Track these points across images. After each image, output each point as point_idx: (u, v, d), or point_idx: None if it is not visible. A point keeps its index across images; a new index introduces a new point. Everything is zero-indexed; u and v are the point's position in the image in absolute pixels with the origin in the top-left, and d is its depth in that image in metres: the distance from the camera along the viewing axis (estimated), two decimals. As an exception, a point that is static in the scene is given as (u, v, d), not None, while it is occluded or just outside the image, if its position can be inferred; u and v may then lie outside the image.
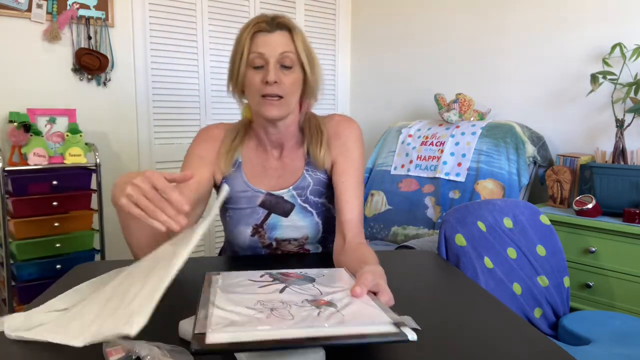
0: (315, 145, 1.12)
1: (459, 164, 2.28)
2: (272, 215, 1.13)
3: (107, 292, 0.75)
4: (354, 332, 0.59)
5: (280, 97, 1.03)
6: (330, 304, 0.67)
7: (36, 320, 0.76)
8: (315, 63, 1.08)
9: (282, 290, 0.72)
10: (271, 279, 0.78)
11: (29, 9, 2.25)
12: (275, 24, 1.03)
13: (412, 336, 0.58)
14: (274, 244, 1.16)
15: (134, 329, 0.56)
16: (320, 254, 1.19)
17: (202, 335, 0.54)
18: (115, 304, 0.68)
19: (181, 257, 0.63)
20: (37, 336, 0.69)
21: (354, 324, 0.60)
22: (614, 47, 2.03)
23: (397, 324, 0.61)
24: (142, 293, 0.63)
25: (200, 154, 1.13)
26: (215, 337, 0.54)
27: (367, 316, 0.63)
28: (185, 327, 0.70)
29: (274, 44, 1.02)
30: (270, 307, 0.65)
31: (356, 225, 1.07)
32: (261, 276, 0.79)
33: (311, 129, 1.14)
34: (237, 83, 1.07)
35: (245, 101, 1.13)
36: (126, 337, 0.67)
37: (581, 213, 1.91)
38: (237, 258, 1.19)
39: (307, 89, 1.09)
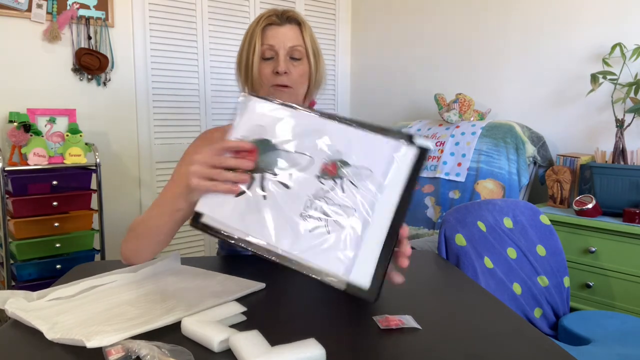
0: None
1: (459, 164, 2.28)
2: None
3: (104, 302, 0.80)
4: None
5: (290, 87, 1.07)
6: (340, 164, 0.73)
7: (36, 304, 0.78)
8: (320, 58, 1.12)
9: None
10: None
11: (29, 9, 2.25)
12: (285, 17, 1.08)
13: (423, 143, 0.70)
14: None
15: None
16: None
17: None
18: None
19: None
20: (29, 319, 0.72)
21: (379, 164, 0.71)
22: (614, 47, 2.03)
23: (410, 137, 0.71)
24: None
25: None
26: None
27: (377, 152, 0.72)
28: (188, 324, 0.70)
29: (283, 37, 1.06)
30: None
31: None
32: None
33: None
34: (248, 74, 1.09)
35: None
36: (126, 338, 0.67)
37: (581, 213, 1.91)
38: (237, 257, 1.19)
39: (311, 83, 1.13)
